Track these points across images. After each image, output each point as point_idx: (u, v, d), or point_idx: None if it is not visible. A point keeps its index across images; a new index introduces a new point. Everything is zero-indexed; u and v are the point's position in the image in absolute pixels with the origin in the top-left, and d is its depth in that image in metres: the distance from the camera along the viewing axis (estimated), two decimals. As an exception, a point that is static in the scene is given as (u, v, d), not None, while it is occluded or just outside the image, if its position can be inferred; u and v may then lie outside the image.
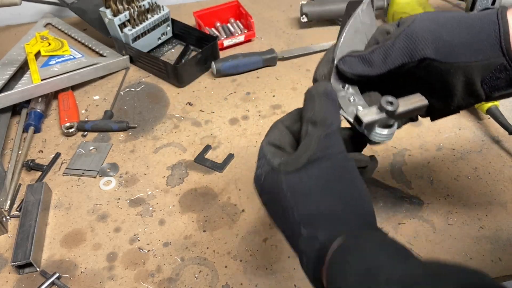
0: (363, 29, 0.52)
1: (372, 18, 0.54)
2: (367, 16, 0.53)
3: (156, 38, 1.10)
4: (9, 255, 0.72)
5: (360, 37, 0.53)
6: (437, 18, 0.48)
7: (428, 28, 0.47)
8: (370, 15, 0.53)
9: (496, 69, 0.47)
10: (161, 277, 0.69)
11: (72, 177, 0.84)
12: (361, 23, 0.52)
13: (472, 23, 0.47)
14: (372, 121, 0.45)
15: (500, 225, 0.73)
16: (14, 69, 1.00)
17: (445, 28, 0.47)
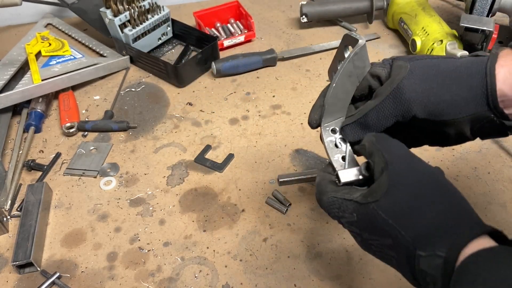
0: (356, 72, 0.54)
1: (366, 59, 0.55)
2: (360, 59, 0.54)
3: (156, 39, 1.11)
4: (9, 255, 0.72)
5: (352, 80, 0.55)
6: (426, 74, 0.50)
7: (416, 90, 0.50)
8: (363, 57, 0.54)
9: (484, 121, 0.49)
10: (161, 276, 0.69)
11: (73, 177, 0.85)
12: (354, 67, 0.54)
13: (460, 78, 0.49)
14: (349, 181, 0.50)
15: (499, 225, 0.73)
16: (14, 69, 1.00)
17: (433, 87, 0.50)
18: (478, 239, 0.39)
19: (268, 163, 0.85)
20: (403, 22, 1.08)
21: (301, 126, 0.92)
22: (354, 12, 1.15)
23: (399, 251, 0.42)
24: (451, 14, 1.21)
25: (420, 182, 0.44)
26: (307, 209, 0.77)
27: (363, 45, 0.53)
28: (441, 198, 0.43)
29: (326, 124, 0.56)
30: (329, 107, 0.55)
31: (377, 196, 0.44)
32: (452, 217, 0.42)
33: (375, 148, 0.48)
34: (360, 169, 0.50)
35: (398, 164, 0.45)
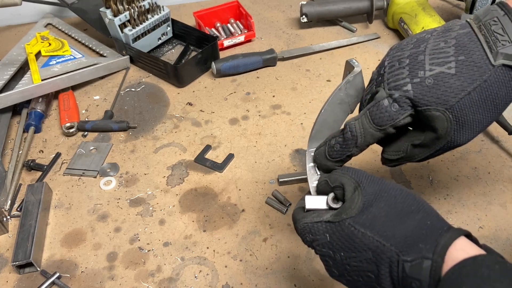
0: (348, 100, 0.54)
1: (359, 88, 0.54)
2: (353, 87, 0.53)
3: (156, 38, 1.11)
4: (9, 255, 0.72)
5: (343, 107, 0.54)
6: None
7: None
8: (357, 85, 0.54)
9: None
10: (161, 276, 0.69)
11: (73, 177, 0.85)
12: (346, 95, 0.53)
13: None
14: (314, 209, 0.50)
15: (499, 225, 0.73)
16: (14, 69, 1.00)
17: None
18: (458, 240, 0.40)
19: (268, 163, 0.85)
20: (403, 22, 1.08)
21: (301, 126, 0.92)
22: (354, 12, 1.15)
23: (380, 263, 0.42)
24: (451, 14, 1.21)
25: (393, 195, 0.45)
26: (307, 209, 0.77)
27: (358, 73, 0.53)
28: (416, 208, 0.44)
29: (311, 149, 0.56)
30: (316, 133, 0.55)
31: (352, 213, 0.45)
32: (431, 223, 0.42)
33: (340, 175, 0.49)
34: (327, 202, 0.50)
35: (368, 182, 0.46)
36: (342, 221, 0.45)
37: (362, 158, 0.84)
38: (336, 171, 0.51)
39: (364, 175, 0.48)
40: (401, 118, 0.49)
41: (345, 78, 0.55)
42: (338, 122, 0.55)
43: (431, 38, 0.50)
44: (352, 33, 1.17)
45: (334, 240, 0.45)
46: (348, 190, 0.47)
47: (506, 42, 0.46)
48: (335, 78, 1.03)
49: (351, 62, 0.54)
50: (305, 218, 0.49)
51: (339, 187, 0.48)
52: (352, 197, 0.46)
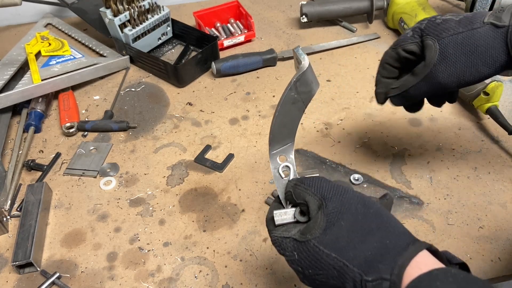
0: (301, 97, 0.51)
1: (311, 83, 0.51)
2: (304, 84, 0.50)
3: (156, 38, 1.11)
4: (9, 255, 0.72)
5: (298, 106, 0.52)
6: (455, 56, 0.60)
7: (448, 73, 0.61)
8: (308, 81, 0.50)
9: None
10: (161, 276, 0.69)
11: (73, 177, 0.85)
12: (297, 93, 0.51)
13: (486, 54, 0.58)
14: (283, 223, 0.50)
15: (499, 225, 0.73)
16: (14, 69, 1.00)
17: (463, 69, 0.60)
18: (417, 257, 0.42)
19: (268, 163, 0.85)
20: (403, 22, 1.08)
21: (301, 126, 0.92)
22: (354, 12, 1.15)
23: (345, 281, 0.44)
24: (451, 14, 1.21)
25: (354, 213, 0.46)
26: (307, 209, 0.77)
27: (306, 69, 0.49)
28: (378, 224, 0.45)
29: (274, 152, 0.54)
30: (275, 135, 0.53)
31: (316, 233, 0.46)
32: (391, 241, 0.44)
33: (303, 191, 0.49)
34: (294, 216, 0.50)
35: (331, 199, 0.47)
36: (308, 241, 0.46)
37: (362, 158, 0.84)
38: (299, 186, 0.50)
39: (327, 189, 0.48)
40: (409, 42, 0.62)
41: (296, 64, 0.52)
42: (294, 121, 0.54)
43: None
44: (352, 33, 1.17)
45: (302, 258, 0.47)
46: (312, 208, 0.48)
47: (501, 11, 0.58)
48: (335, 78, 1.03)
49: (298, 53, 0.49)
50: (276, 230, 0.50)
51: (303, 204, 0.49)
52: (315, 216, 0.47)
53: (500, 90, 0.85)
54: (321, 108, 0.96)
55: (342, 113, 0.94)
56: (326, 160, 0.85)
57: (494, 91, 0.85)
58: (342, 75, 1.04)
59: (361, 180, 0.80)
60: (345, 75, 1.04)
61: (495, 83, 0.84)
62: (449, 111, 0.93)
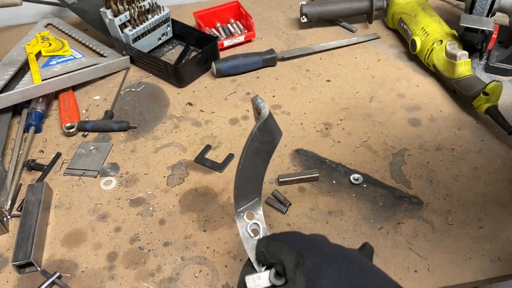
0: (264, 148, 0.48)
1: (273, 131, 0.48)
2: (266, 133, 0.47)
3: (157, 39, 1.11)
4: (9, 255, 0.72)
5: (261, 157, 0.49)
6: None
7: None
8: (270, 129, 0.47)
9: None
10: (162, 276, 0.69)
11: (73, 177, 0.85)
12: (260, 143, 0.47)
13: None
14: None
15: (499, 225, 0.73)
16: (15, 69, 1.00)
17: None
18: None
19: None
20: (403, 22, 1.09)
21: (301, 126, 0.92)
22: (354, 12, 1.16)
23: None
24: (451, 14, 1.21)
25: (338, 268, 0.42)
26: (307, 209, 0.77)
27: (267, 117, 0.45)
28: (364, 281, 0.41)
29: (240, 209, 0.51)
30: (240, 191, 0.49)
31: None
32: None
33: (278, 249, 0.45)
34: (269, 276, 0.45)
35: (309, 255, 0.43)
36: None
37: (362, 158, 0.85)
38: (272, 244, 0.46)
39: (302, 244, 0.44)
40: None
41: (255, 114, 0.49)
42: (259, 174, 0.51)
43: None
44: (352, 33, 1.17)
45: None
46: (288, 268, 0.43)
47: None
48: (335, 78, 1.03)
49: (257, 102, 0.46)
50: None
51: (278, 264, 0.44)
52: (293, 277, 0.42)
53: (500, 90, 0.85)
54: (321, 108, 0.96)
55: (342, 113, 0.94)
56: (326, 160, 0.85)
57: (493, 91, 0.85)
58: (342, 75, 1.04)
59: (361, 180, 0.80)
60: (345, 75, 1.04)
61: (495, 83, 0.84)
62: (449, 111, 0.94)
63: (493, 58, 1.02)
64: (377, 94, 0.99)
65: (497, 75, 1.01)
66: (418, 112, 0.94)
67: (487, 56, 1.03)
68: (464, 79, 0.91)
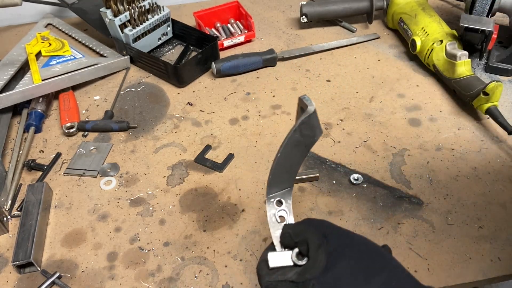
0: (304, 141, 0.51)
1: (316, 128, 0.51)
2: (309, 127, 0.50)
3: (157, 39, 1.11)
4: (10, 255, 0.72)
5: (300, 149, 0.51)
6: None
7: None
8: (313, 125, 0.51)
9: None
10: (162, 276, 0.69)
11: (73, 177, 0.85)
12: (301, 136, 0.50)
13: None
14: (278, 266, 0.48)
15: (499, 224, 0.73)
16: (15, 69, 1.00)
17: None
18: None
19: (268, 163, 0.85)
20: (403, 22, 1.08)
21: (301, 126, 0.92)
22: (354, 12, 1.16)
23: None
24: (451, 14, 1.21)
25: (358, 251, 0.44)
26: (307, 209, 0.77)
27: (312, 113, 0.49)
28: (383, 265, 0.43)
29: (272, 195, 0.53)
30: (274, 178, 0.52)
31: (315, 273, 0.43)
32: (396, 284, 0.42)
33: (304, 229, 0.47)
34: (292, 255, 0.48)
35: (333, 237, 0.45)
36: (306, 281, 0.43)
37: (362, 158, 0.85)
38: (299, 224, 0.49)
39: (328, 228, 0.46)
40: None
41: (299, 116, 0.52)
42: (295, 165, 0.53)
43: None
44: (352, 33, 1.17)
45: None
46: (312, 247, 0.45)
47: None
48: (335, 78, 1.03)
49: (304, 100, 0.51)
50: (269, 275, 0.47)
51: (303, 242, 0.47)
52: (316, 255, 0.44)
53: (500, 90, 0.85)
54: (321, 108, 0.96)
55: (342, 113, 0.94)
56: (326, 160, 0.85)
57: (493, 91, 0.85)
58: (342, 75, 1.04)
59: (361, 180, 0.80)
60: (345, 75, 1.04)
61: (495, 83, 0.84)
62: (449, 111, 0.94)
63: (493, 58, 1.02)
64: (377, 94, 0.99)
65: (497, 75, 1.01)
66: (418, 112, 0.94)
67: (487, 56, 1.03)
68: (464, 79, 0.91)
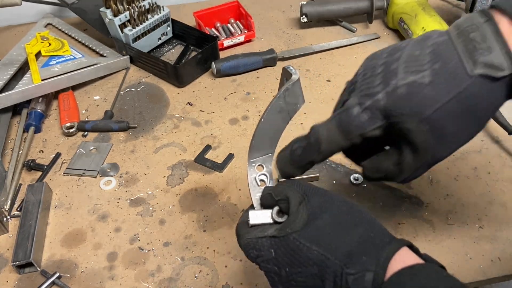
0: (287, 108, 0.53)
1: (299, 96, 0.53)
2: (292, 95, 0.52)
3: (156, 38, 1.11)
4: (9, 255, 0.72)
5: (283, 116, 0.53)
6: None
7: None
8: (296, 93, 0.52)
9: None
10: (161, 276, 0.69)
11: (73, 177, 0.85)
12: (285, 103, 0.52)
13: None
14: (258, 224, 0.49)
15: (499, 225, 0.73)
16: (14, 69, 1.00)
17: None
18: (400, 251, 0.42)
19: (268, 163, 0.85)
20: (403, 22, 1.08)
21: (301, 126, 0.92)
22: (354, 12, 1.15)
23: (325, 277, 0.42)
24: (451, 14, 1.21)
25: (337, 207, 0.45)
26: (307, 209, 0.77)
27: (296, 81, 0.51)
28: (360, 220, 0.44)
29: (253, 160, 0.54)
30: (257, 142, 0.53)
31: (297, 227, 0.44)
32: (374, 236, 0.43)
33: (285, 187, 0.48)
34: (271, 215, 0.48)
35: (313, 194, 0.46)
36: (287, 235, 0.44)
37: (362, 158, 0.84)
38: (280, 184, 0.50)
39: (309, 188, 0.47)
40: (371, 129, 0.46)
41: (282, 85, 0.53)
42: (278, 131, 0.54)
43: (407, 46, 0.47)
44: (352, 33, 1.17)
45: (279, 255, 0.44)
46: (293, 203, 0.46)
47: (484, 51, 0.42)
48: (335, 78, 1.03)
49: (289, 69, 0.52)
50: (249, 233, 0.48)
51: (284, 200, 0.47)
52: (297, 210, 0.45)
53: (500, 90, 0.85)
54: (321, 108, 0.96)
55: (342, 113, 0.94)
56: (326, 160, 0.84)
57: (494, 91, 0.84)
58: (342, 75, 1.04)
59: (361, 180, 0.80)
60: (345, 75, 1.04)
61: (495, 83, 0.84)
62: (449, 111, 0.93)
63: (493, 58, 1.01)
64: (377, 94, 0.98)
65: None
66: (418, 112, 0.94)
67: (487, 56, 1.03)
68: (464, 79, 0.91)
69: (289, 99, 0.52)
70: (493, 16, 0.43)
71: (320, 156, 0.50)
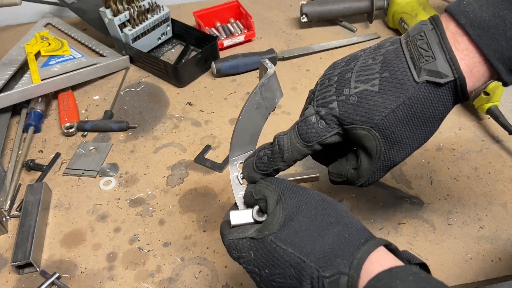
0: (265, 103, 0.53)
1: (276, 90, 0.53)
2: (269, 89, 0.52)
3: (156, 38, 1.10)
4: (9, 255, 0.72)
5: (261, 111, 0.53)
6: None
7: None
8: (273, 87, 0.52)
9: None
10: (161, 277, 0.69)
11: (72, 177, 0.84)
12: (262, 99, 0.52)
13: None
14: (239, 224, 0.49)
15: (500, 225, 0.73)
16: (14, 69, 1.00)
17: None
18: (375, 252, 0.41)
19: (268, 163, 0.85)
20: (404, 22, 1.08)
21: (301, 126, 0.92)
22: (354, 11, 1.15)
23: (302, 279, 0.42)
24: (451, 14, 1.21)
25: (313, 207, 0.45)
26: (307, 209, 0.77)
27: (272, 75, 0.51)
28: (336, 220, 0.44)
29: (234, 158, 0.54)
30: (237, 140, 0.53)
31: (273, 229, 0.44)
32: (349, 236, 0.43)
33: (264, 186, 0.49)
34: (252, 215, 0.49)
35: (290, 195, 0.46)
36: (265, 237, 0.45)
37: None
38: (260, 183, 0.51)
39: (286, 186, 0.48)
40: (328, 136, 0.49)
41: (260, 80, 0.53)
42: (257, 127, 0.54)
43: (362, 56, 0.49)
44: (352, 33, 1.16)
45: (258, 257, 0.45)
46: (270, 203, 0.47)
47: (429, 58, 0.44)
48: (335, 78, 1.03)
49: (264, 63, 0.52)
50: (231, 234, 0.49)
51: (262, 200, 0.48)
52: (273, 211, 0.46)
53: (501, 90, 0.85)
54: (321, 108, 0.95)
55: (342, 113, 0.94)
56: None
57: (494, 91, 0.84)
58: (342, 75, 1.04)
59: (361, 180, 0.80)
60: (345, 75, 1.04)
61: (496, 83, 0.84)
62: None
63: (494, 58, 1.01)
64: (377, 94, 0.98)
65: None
66: (418, 112, 0.94)
67: (488, 56, 1.03)
68: (464, 79, 0.91)
69: (266, 94, 0.52)
70: (441, 22, 0.46)
71: (284, 165, 0.52)
